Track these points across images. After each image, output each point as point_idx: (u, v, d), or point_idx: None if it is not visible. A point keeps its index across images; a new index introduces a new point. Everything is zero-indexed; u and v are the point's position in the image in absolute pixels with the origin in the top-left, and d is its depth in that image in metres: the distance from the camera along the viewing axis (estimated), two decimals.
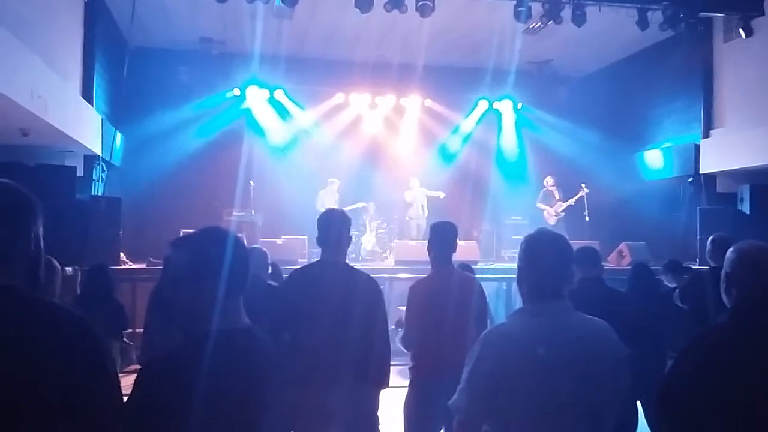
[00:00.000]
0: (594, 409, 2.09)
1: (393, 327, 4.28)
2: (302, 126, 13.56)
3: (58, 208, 7.61)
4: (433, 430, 3.86)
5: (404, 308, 4.12)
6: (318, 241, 3.59)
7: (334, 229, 3.54)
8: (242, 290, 1.90)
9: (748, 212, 10.10)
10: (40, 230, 1.61)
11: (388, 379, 3.57)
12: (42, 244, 1.61)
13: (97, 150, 9.69)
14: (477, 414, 2.11)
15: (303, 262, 8.77)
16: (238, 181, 11.58)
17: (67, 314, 1.54)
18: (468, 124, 14.31)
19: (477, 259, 9.94)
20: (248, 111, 13.25)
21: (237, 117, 13.10)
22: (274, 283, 4.73)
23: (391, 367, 3.63)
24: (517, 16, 9.30)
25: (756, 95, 10.07)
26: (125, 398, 1.64)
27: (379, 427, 3.54)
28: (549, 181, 12.34)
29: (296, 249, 10.07)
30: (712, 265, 4.96)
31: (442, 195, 12.39)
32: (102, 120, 9.92)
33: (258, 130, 13.33)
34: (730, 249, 2.31)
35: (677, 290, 5.41)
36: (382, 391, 3.55)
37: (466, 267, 5.09)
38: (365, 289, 3.51)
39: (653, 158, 12.53)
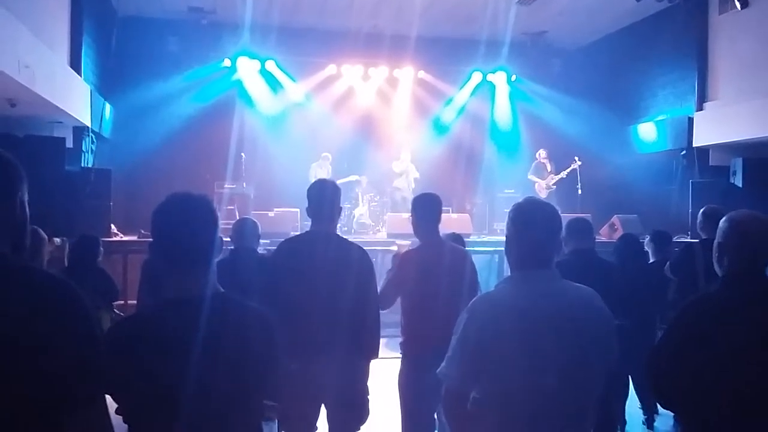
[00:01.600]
0: (582, 376, 2.10)
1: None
2: (294, 97, 13.43)
3: (48, 180, 7.56)
4: (429, 401, 3.81)
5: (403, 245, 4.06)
6: (308, 212, 3.55)
7: (325, 199, 3.51)
8: (205, 258, 1.89)
9: (740, 185, 10.12)
10: (26, 197, 1.58)
11: (378, 350, 3.56)
12: (27, 211, 1.59)
13: (86, 121, 9.58)
14: (465, 381, 2.12)
15: (295, 234, 8.76)
16: (229, 153, 11.51)
17: (53, 281, 1.52)
18: (462, 96, 14.19)
19: (470, 232, 9.95)
20: (239, 82, 13.09)
21: (228, 88, 12.94)
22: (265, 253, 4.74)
23: (381, 339, 3.63)
24: None
25: (750, 68, 10.02)
26: None
27: (369, 397, 3.55)
28: (542, 153, 12.31)
29: (288, 221, 10.05)
30: (703, 237, 4.97)
31: (416, 175, 12.32)
32: (91, 91, 9.79)
33: (249, 102, 13.19)
34: (723, 219, 2.31)
35: (668, 262, 5.42)
36: (372, 362, 3.56)
37: (457, 238, 5.08)
38: (356, 261, 3.49)
39: (647, 131, 12.51)
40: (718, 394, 2.13)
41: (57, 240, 5.98)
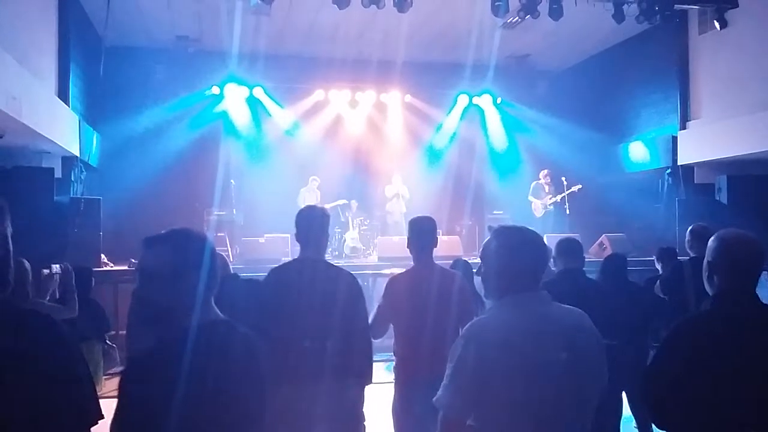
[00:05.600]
0: (578, 397, 2.12)
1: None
2: (282, 123, 13.48)
3: (36, 210, 7.51)
4: (423, 427, 3.79)
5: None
6: (297, 238, 3.56)
7: (313, 226, 3.52)
8: (215, 288, 1.95)
9: (725, 202, 10.20)
10: (9, 230, 1.55)
11: (371, 376, 3.56)
12: (10, 245, 1.55)
13: (75, 151, 9.56)
14: (462, 408, 2.11)
15: (286, 260, 8.75)
16: (218, 180, 11.51)
17: (34, 317, 1.49)
18: (449, 119, 14.30)
19: (459, 254, 9.96)
20: (227, 110, 13.14)
21: (216, 116, 12.97)
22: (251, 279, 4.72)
23: (375, 363, 3.62)
24: (494, 10, 9.30)
25: (731, 86, 10.19)
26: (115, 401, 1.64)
27: (365, 423, 3.52)
28: (543, 174, 12.30)
29: (279, 247, 10.03)
30: (692, 255, 5.02)
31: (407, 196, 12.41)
32: (79, 120, 9.79)
33: (237, 129, 13.22)
34: (712, 237, 2.34)
35: (658, 281, 5.45)
36: (366, 387, 3.54)
37: (456, 264, 5.08)
38: (345, 287, 3.50)
39: (632, 150, 12.64)
40: (715, 414, 2.14)
41: (45, 271, 5.94)
